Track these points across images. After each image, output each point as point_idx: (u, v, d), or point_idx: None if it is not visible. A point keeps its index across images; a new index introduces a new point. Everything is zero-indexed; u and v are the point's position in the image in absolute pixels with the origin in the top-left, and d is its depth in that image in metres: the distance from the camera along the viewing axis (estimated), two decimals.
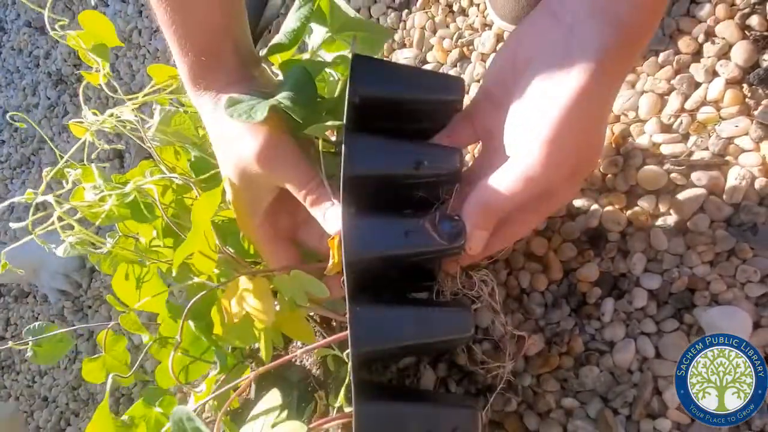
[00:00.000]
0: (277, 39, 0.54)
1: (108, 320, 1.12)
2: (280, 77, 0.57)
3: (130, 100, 0.59)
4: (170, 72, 0.63)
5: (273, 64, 0.59)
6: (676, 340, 0.55)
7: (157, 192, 0.51)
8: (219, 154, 0.50)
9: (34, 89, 1.49)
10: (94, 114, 0.58)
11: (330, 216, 0.45)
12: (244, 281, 0.49)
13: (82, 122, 0.56)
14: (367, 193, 0.45)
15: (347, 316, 0.42)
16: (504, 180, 0.41)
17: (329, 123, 0.46)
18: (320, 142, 0.49)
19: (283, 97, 0.45)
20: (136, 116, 0.61)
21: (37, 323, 0.57)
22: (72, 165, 0.54)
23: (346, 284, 0.42)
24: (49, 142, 0.83)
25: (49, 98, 1.43)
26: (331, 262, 0.46)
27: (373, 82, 0.47)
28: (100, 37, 0.57)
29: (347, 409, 0.48)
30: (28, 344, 0.56)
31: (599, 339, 0.59)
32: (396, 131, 0.47)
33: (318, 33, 0.59)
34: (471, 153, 0.70)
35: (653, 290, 0.57)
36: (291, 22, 0.53)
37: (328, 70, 0.60)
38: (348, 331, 0.42)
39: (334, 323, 0.62)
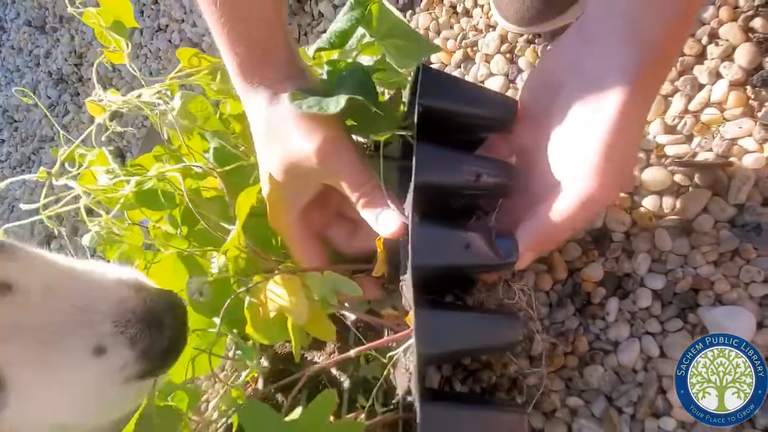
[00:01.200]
0: (324, 39, 0.54)
1: None
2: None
3: (156, 83, 0.59)
4: (194, 53, 0.62)
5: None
6: (681, 339, 0.55)
7: (181, 179, 0.51)
8: (266, 147, 0.50)
9: (34, 88, 1.49)
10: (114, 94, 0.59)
11: (385, 219, 0.46)
12: (276, 278, 0.49)
13: (98, 102, 0.56)
14: (426, 200, 0.46)
15: (413, 319, 0.43)
16: (563, 208, 0.42)
17: (401, 131, 0.47)
18: (381, 144, 0.50)
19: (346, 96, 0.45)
20: (158, 98, 0.61)
21: None
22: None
23: (411, 288, 0.43)
24: (55, 127, 0.83)
25: (49, 97, 1.43)
26: (377, 263, 0.48)
27: (438, 94, 0.49)
28: (117, 14, 0.57)
29: (380, 410, 0.49)
30: None
31: (604, 338, 0.59)
32: (449, 142, 0.48)
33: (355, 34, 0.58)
34: None
35: (657, 290, 0.57)
36: (340, 23, 0.53)
37: None
38: (414, 333, 0.43)
39: (349, 323, 0.62)
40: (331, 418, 0.59)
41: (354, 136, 0.51)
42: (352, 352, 0.50)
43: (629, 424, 0.55)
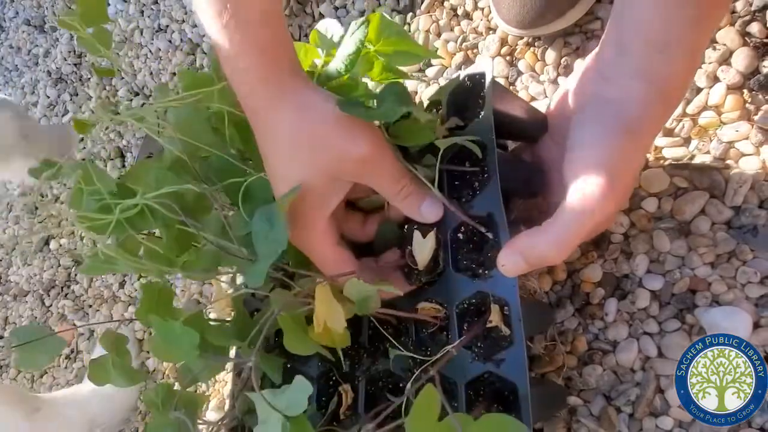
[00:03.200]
0: (334, 65, 0.55)
1: (109, 319, 1.12)
2: None
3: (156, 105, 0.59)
4: (200, 77, 0.62)
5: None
6: (678, 340, 0.56)
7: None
8: (293, 154, 0.48)
9: (33, 88, 1.49)
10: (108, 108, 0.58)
11: (429, 207, 0.52)
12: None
13: (86, 119, 0.56)
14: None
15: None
16: (562, 228, 0.44)
17: (464, 138, 0.51)
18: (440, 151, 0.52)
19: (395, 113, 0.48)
20: (157, 117, 0.61)
21: (24, 325, 0.57)
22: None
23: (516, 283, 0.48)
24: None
25: (48, 97, 1.43)
26: (421, 261, 0.53)
27: (501, 103, 0.54)
28: (92, 15, 0.56)
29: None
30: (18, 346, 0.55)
31: (602, 338, 0.60)
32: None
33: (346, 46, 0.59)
34: None
35: (656, 291, 0.58)
36: (348, 46, 0.54)
37: None
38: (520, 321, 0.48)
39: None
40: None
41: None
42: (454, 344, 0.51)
43: (627, 423, 0.56)
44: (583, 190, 0.42)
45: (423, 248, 0.53)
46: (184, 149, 0.58)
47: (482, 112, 0.53)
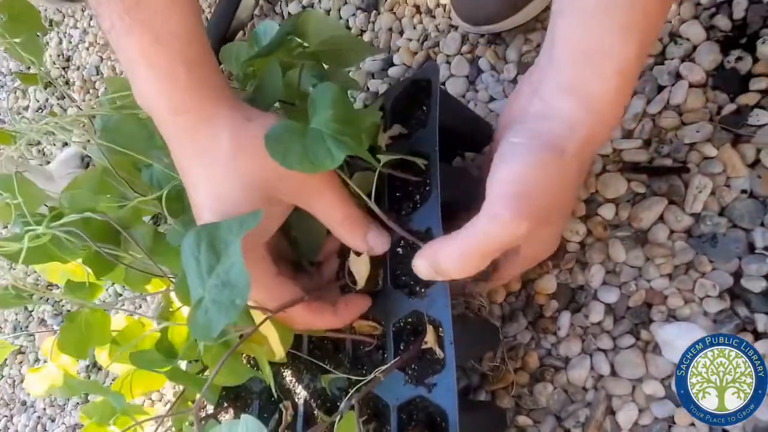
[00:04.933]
0: (258, 50, 0.52)
1: None
2: None
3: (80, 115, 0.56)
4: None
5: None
6: (632, 357, 0.52)
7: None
8: (228, 169, 0.43)
9: (24, 92, 1.50)
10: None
11: (375, 239, 0.48)
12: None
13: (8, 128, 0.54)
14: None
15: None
16: (460, 240, 0.42)
17: (405, 155, 0.47)
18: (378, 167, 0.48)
19: (331, 129, 0.42)
20: (83, 124, 0.58)
21: None
22: None
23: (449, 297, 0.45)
24: None
25: (38, 101, 1.44)
26: (360, 279, 0.49)
27: (447, 113, 0.50)
28: (26, 24, 0.54)
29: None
30: None
31: (555, 354, 0.56)
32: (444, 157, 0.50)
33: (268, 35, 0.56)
34: None
35: (610, 304, 0.54)
36: (275, 34, 0.51)
37: None
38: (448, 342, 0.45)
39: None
40: None
41: None
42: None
43: None
44: (489, 210, 0.40)
45: (359, 266, 0.49)
46: (111, 159, 0.56)
47: (427, 122, 0.50)
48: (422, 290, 0.49)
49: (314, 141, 0.41)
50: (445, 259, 0.41)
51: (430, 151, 0.49)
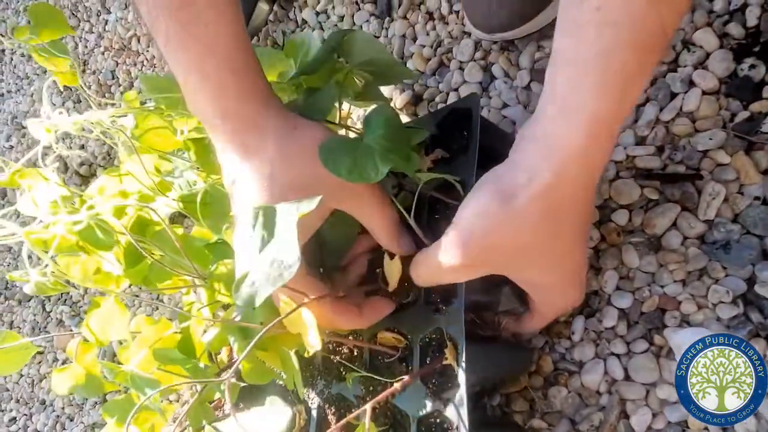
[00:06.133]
0: (305, 68, 0.54)
1: None
2: None
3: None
4: (162, 81, 0.61)
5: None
6: (646, 362, 0.53)
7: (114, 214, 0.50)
8: (279, 175, 0.45)
9: (41, 95, 1.52)
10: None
11: (406, 244, 0.51)
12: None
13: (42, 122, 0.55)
14: None
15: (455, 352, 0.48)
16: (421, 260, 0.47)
17: (447, 175, 0.49)
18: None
19: (380, 146, 0.45)
20: (113, 121, 0.60)
21: None
22: (23, 174, 0.53)
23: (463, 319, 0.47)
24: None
25: (54, 104, 1.46)
26: (392, 281, 0.52)
27: (486, 135, 0.53)
28: (52, 30, 0.55)
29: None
30: None
31: (569, 359, 0.57)
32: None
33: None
34: None
35: (624, 309, 0.55)
36: (320, 51, 0.53)
37: None
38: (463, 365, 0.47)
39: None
40: None
41: None
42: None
43: None
44: (443, 238, 0.44)
45: (393, 268, 0.52)
46: (139, 158, 0.58)
47: (469, 148, 0.52)
48: (444, 308, 0.50)
49: (364, 155, 0.44)
50: (414, 269, 0.48)
51: (467, 177, 0.50)
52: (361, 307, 0.51)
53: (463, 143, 0.55)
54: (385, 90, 0.78)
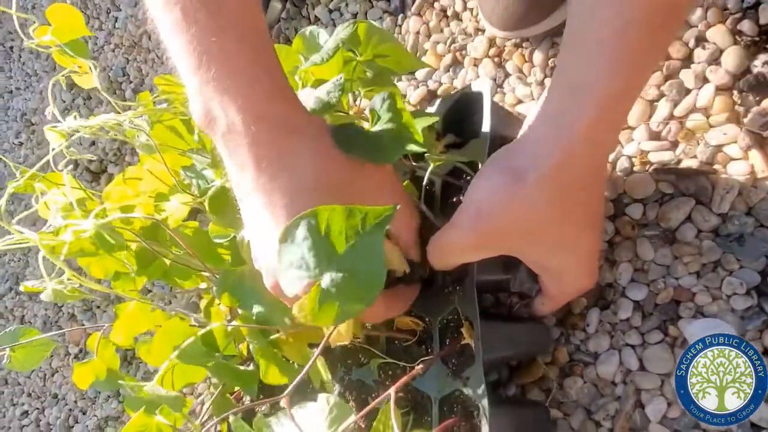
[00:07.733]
0: (315, 58, 0.54)
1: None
2: None
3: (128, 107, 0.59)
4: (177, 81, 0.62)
5: None
6: (660, 352, 0.54)
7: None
8: (315, 172, 0.43)
9: (50, 92, 1.53)
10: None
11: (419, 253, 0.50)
12: None
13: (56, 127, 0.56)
14: None
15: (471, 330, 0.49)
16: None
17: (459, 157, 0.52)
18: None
19: (388, 131, 0.46)
20: (131, 123, 0.61)
21: (12, 327, 0.58)
22: (40, 178, 0.54)
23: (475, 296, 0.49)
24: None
25: (64, 101, 1.46)
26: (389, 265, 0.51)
27: (499, 122, 0.54)
28: (71, 31, 0.56)
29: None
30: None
31: (584, 350, 0.58)
32: None
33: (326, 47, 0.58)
34: None
35: (639, 301, 0.56)
36: (331, 41, 0.54)
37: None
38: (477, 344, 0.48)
39: None
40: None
41: None
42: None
43: None
44: (453, 217, 0.45)
45: (390, 253, 0.51)
46: (161, 156, 0.59)
47: (481, 132, 0.53)
48: (457, 288, 0.51)
49: (375, 141, 0.46)
50: (431, 250, 0.48)
51: (480, 161, 0.51)
52: (392, 296, 0.51)
53: (475, 128, 0.55)
54: (400, 86, 0.79)
